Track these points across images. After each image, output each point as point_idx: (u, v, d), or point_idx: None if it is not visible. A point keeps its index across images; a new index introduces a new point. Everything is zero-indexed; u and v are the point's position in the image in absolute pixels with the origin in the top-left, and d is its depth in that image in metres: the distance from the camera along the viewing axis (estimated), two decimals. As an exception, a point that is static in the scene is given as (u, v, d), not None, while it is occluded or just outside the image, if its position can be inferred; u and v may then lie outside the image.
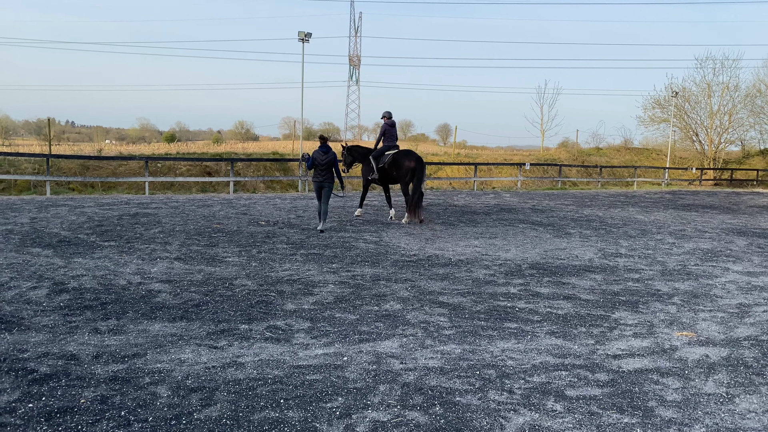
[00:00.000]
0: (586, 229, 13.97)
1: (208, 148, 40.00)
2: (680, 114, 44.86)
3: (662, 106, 45.45)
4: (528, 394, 4.49)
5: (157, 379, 4.51)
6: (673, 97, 41.32)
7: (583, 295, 7.59)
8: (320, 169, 12.12)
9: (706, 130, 45.51)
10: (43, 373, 4.56)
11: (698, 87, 45.33)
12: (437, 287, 7.71)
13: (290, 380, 4.59)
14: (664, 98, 45.14)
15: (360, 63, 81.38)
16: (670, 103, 42.77)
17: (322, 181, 12.18)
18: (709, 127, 45.18)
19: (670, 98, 42.61)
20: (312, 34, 24.02)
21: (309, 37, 24.11)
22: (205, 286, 7.34)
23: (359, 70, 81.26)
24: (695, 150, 46.25)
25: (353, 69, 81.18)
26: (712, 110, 44.82)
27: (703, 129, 45.84)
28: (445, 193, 24.69)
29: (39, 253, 8.93)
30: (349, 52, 79.45)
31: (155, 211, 14.47)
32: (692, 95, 45.53)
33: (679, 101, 43.91)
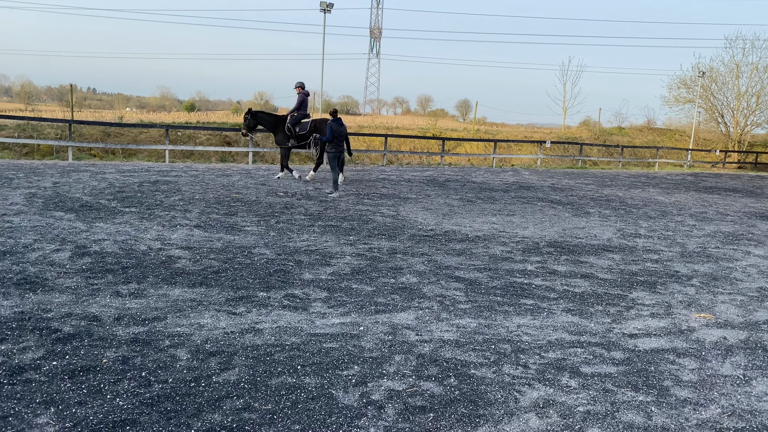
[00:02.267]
0: (606, 209, 13.85)
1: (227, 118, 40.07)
2: (706, 94, 43.96)
3: (688, 86, 44.56)
4: (543, 370, 4.51)
5: (176, 342, 4.60)
6: (700, 77, 40.45)
7: (600, 274, 7.56)
8: (339, 140, 13.14)
9: (732, 112, 44.58)
10: (66, 332, 4.66)
11: (726, 67, 44.32)
12: (454, 262, 7.72)
13: (307, 347, 4.65)
14: (691, 78, 44.24)
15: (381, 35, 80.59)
16: (696, 83, 41.91)
17: (340, 151, 13.28)
18: (736, 109, 44.25)
19: (696, 78, 41.74)
20: (334, 5, 23.77)
21: (330, 8, 23.87)
22: (224, 254, 7.41)
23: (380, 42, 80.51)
24: (720, 132, 45.40)
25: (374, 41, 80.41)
26: (739, 91, 43.84)
27: (729, 110, 44.92)
28: (463, 169, 24.57)
29: (62, 217, 9.07)
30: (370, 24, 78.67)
31: (175, 179, 14.59)
32: (720, 75, 44.54)
33: (706, 81, 42.99)
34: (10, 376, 3.90)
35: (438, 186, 16.74)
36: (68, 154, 18.67)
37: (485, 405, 3.91)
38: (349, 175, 18.49)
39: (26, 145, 22.27)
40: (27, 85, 66.61)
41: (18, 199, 10.34)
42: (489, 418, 3.75)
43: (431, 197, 14.12)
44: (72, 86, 27.72)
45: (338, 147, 13.28)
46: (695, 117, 42.33)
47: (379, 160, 26.94)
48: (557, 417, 3.81)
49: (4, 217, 8.74)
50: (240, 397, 3.81)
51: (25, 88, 64.20)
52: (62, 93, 59.22)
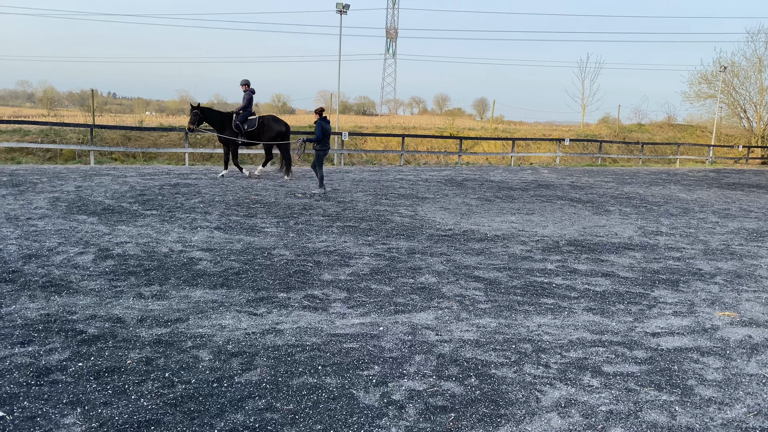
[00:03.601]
0: (626, 207, 13.71)
1: (245, 120, 40.35)
2: (728, 89, 43.27)
3: (709, 81, 43.90)
4: (564, 369, 4.48)
5: (199, 344, 4.65)
6: (721, 71, 39.84)
7: (621, 273, 7.49)
8: (327, 138, 13.77)
9: (755, 107, 43.82)
10: (91, 334, 4.74)
11: (748, 61, 43.56)
12: (473, 262, 7.70)
13: (327, 348, 4.67)
14: (712, 73, 43.57)
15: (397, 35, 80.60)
16: (717, 78, 41.28)
17: (327, 150, 13.97)
18: (759, 104, 43.48)
19: (717, 73, 41.11)
20: (350, 6, 23.81)
21: (347, 9, 23.92)
22: (244, 255, 7.47)
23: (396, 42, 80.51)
24: (742, 127, 44.65)
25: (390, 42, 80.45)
26: (762, 86, 43.07)
27: (752, 105, 44.15)
28: (481, 168, 24.48)
29: (85, 220, 9.20)
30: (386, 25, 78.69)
31: (195, 182, 14.73)
32: (741, 70, 43.78)
33: (728, 76, 42.31)
34: (37, 377, 3.98)
35: (456, 185, 16.70)
36: (90, 158, 18.93)
37: (506, 405, 3.89)
38: (366, 176, 18.53)
39: (49, 150, 22.63)
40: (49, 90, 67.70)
41: (42, 203, 10.52)
42: (510, 417, 3.74)
43: (449, 197, 14.09)
44: (93, 91, 28.08)
45: (326, 145, 13.80)
46: (717, 112, 41.71)
47: (396, 160, 26.94)
48: (579, 417, 3.79)
49: (29, 221, 8.90)
50: (262, 398, 3.84)
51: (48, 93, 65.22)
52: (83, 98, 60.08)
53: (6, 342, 4.50)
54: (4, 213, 9.45)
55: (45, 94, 66.86)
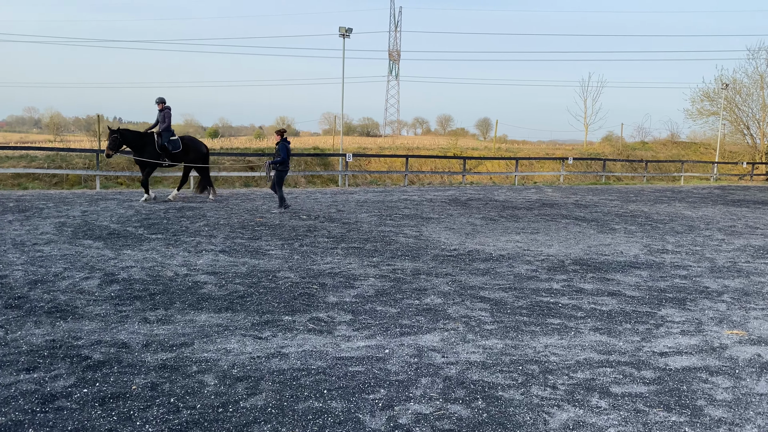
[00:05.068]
0: (631, 225, 13.68)
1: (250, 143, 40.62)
2: (730, 107, 43.38)
3: (711, 99, 44.04)
4: (572, 390, 4.44)
5: (204, 368, 4.63)
6: (723, 89, 39.97)
7: (628, 292, 7.45)
8: (289, 159, 14.07)
9: (758, 123, 43.88)
10: (96, 360, 4.73)
11: (750, 79, 43.75)
12: (478, 282, 7.68)
13: (333, 371, 4.65)
14: (714, 90, 43.73)
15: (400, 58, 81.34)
16: (719, 95, 41.40)
17: (287, 170, 14.22)
18: (762, 120, 43.55)
19: (719, 90, 41.24)
20: (353, 30, 24.10)
21: (350, 33, 24.20)
22: (249, 278, 7.47)
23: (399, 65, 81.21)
24: (746, 144, 44.67)
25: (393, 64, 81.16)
26: (765, 102, 43.18)
27: (755, 122, 44.22)
28: (485, 188, 24.50)
29: (90, 245, 9.24)
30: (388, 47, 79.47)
31: (200, 205, 14.79)
32: (743, 87, 43.97)
33: (730, 93, 42.46)
34: (42, 404, 3.96)
35: (460, 205, 16.71)
36: (96, 183, 19.06)
37: (514, 427, 3.86)
38: (370, 196, 18.56)
39: (56, 176, 22.79)
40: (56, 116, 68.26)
41: (48, 228, 10.57)
42: (518, 440, 3.70)
43: (454, 217, 14.09)
44: (99, 116, 28.35)
45: (287, 166, 14.12)
46: (720, 129, 41.77)
47: (400, 180, 27.01)
48: (588, 439, 3.74)
49: (35, 247, 8.94)
50: (267, 422, 3.82)
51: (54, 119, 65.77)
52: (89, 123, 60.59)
53: (11, 368, 4.50)
54: (10, 239, 9.50)
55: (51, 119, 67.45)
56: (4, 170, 19.40)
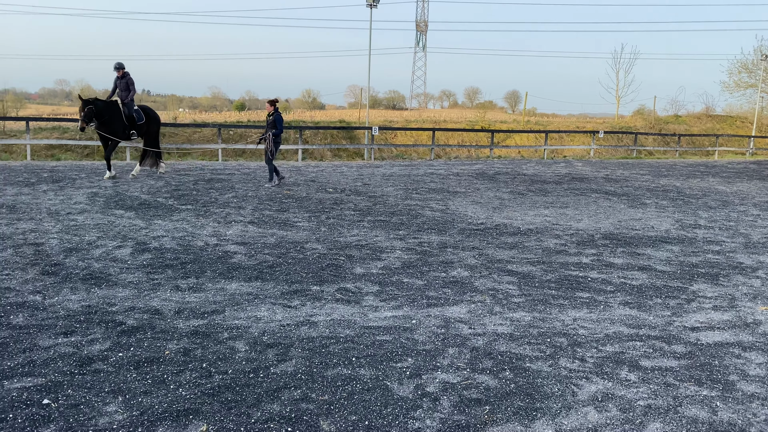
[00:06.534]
0: (663, 200, 13.43)
1: (276, 116, 40.75)
2: (770, 79, 41.97)
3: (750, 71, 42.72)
4: (601, 363, 4.42)
5: (235, 335, 4.72)
6: (763, 60, 38.64)
7: (659, 267, 7.34)
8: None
9: (799, 96, 42.46)
10: (130, 325, 4.85)
11: (791, 49, 42.18)
12: (506, 256, 7.64)
13: (361, 340, 4.69)
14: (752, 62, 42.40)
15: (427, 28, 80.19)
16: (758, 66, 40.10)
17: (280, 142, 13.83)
18: (802, 93, 42.13)
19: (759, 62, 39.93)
20: (380, 0, 23.78)
21: (377, 3, 23.90)
22: (277, 249, 7.55)
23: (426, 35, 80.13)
24: (785, 118, 43.33)
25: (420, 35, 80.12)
26: (806, 75, 41.67)
27: (794, 95, 42.80)
28: (513, 161, 24.24)
29: (122, 215, 9.41)
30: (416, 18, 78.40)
31: (228, 177, 14.92)
32: (784, 58, 42.42)
33: (769, 65, 41.03)
34: (80, 367, 4.08)
35: (488, 179, 16.58)
36: (126, 154, 19.33)
37: (542, 398, 3.86)
38: (396, 170, 18.52)
39: (87, 147, 23.19)
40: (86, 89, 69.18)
41: (81, 199, 10.79)
42: (546, 411, 3.71)
43: (481, 191, 13.99)
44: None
45: (280, 138, 13.72)
46: (758, 102, 40.52)
47: (426, 154, 26.86)
48: (617, 411, 3.73)
49: (69, 216, 9.14)
50: (297, 388, 3.88)
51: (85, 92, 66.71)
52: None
53: (50, 332, 4.64)
54: (45, 208, 9.72)
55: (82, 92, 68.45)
56: (37, 141, 19.79)
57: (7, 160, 18.37)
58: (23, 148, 19.87)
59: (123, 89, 13.62)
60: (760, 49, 41.61)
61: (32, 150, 19.13)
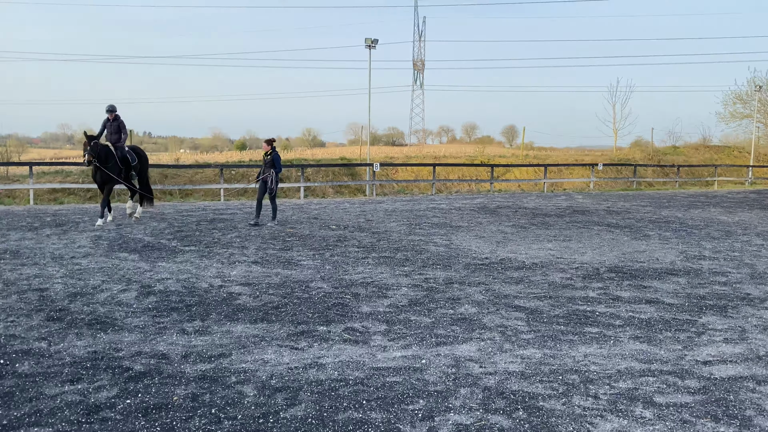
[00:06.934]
0: (666, 231, 13.42)
1: (277, 155, 41.06)
2: (764, 109, 42.46)
3: (744, 101, 43.22)
4: (614, 400, 4.36)
5: (243, 379, 4.66)
6: (757, 91, 39.15)
7: (666, 299, 7.30)
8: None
9: (794, 125, 42.85)
10: (137, 371, 4.80)
11: (784, 79, 42.73)
12: (512, 291, 7.60)
13: (371, 382, 4.64)
14: (746, 93, 42.94)
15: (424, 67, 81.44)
16: (753, 97, 40.58)
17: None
18: (797, 122, 42.52)
19: (752, 93, 40.44)
20: (378, 41, 24.22)
21: (375, 44, 24.32)
22: (282, 289, 7.52)
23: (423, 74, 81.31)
24: (782, 146, 43.63)
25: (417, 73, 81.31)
26: (800, 104, 42.16)
27: (790, 124, 43.20)
28: (514, 195, 24.32)
29: (126, 258, 9.40)
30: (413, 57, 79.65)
31: (231, 217, 14.96)
32: (778, 88, 42.94)
33: (764, 95, 41.56)
34: (88, 415, 4.02)
35: (489, 213, 16.61)
36: (128, 196, 19.40)
37: (557, 438, 3.79)
38: (398, 206, 18.57)
39: (90, 190, 23.28)
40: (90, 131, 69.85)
41: (85, 242, 10.79)
42: (562, 452, 3.63)
43: (483, 225, 14.01)
44: (132, 132, 28.99)
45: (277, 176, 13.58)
46: (754, 132, 40.86)
47: (428, 189, 26.98)
48: (634, 450, 3.66)
49: (73, 260, 9.13)
50: (308, 433, 3.82)
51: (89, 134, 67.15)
52: (121, 138, 61.68)
53: (56, 380, 4.58)
54: (49, 252, 9.72)
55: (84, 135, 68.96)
56: (40, 185, 19.90)
57: (10, 204, 18.45)
58: (26, 193, 19.97)
59: (114, 132, 13.49)
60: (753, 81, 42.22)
61: (35, 194, 19.23)
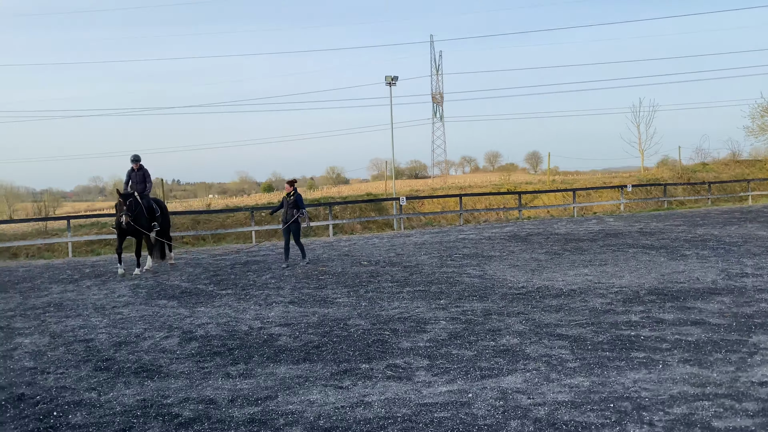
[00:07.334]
0: (703, 250, 13.16)
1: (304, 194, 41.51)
2: (794, 119, 41.66)
3: (772, 113, 42.41)
4: (671, 427, 4.25)
5: (291, 420, 4.67)
6: (784, 102, 38.49)
7: (712, 320, 7.13)
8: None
9: (826, 134, 41.93)
10: (186, 417, 4.84)
11: (812, 89, 42.00)
12: (553, 319, 7.51)
13: (419, 418, 4.60)
14: (774, 104, 42.14)
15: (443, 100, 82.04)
16: (780, 108, 39.89)
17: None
18: (829, 131, 41.61)
19: (780, 104, 39.76)
20: (398, 77, 24.59)
21: (396, 81, 24.69)
22: (321, 328, 7.54)
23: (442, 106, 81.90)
24: (815, 156, 42.67)
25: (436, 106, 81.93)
26: (830, 112, 41.32)
27: (821, 133, 42.28)
28: (543, 222, 24.12)
29: (165, 305, 9.54)
30: (431, 91, 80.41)
31: (264, 258, 15.11)
32: (805, 98, 42.23)
33: (792, 106, 40.83)
34: (142, 463, 4.06)
35: (521, 241, 16.49)
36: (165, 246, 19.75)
37: (615, 469, 3.70)
38: (427, 238, 18.56)
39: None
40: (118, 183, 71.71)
41: (124, 291, 10.99)
42: (622, 483, 3.55)
43: (515, 253, 13.90)
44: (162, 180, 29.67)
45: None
46: (785, 144, 40.02)
47: (455, 220, 26.93)
48: (697, 478, 3.56)
49: (115, 309, 9.30)
50: (361, 473, 3.79)
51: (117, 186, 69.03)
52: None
53: (109, 429, 4.65)
54: (91, 303, 9.92)
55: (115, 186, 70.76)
56: (78, 238, 20.39)
57: (50, 258, 18.91)
58: (65, 246, 20.46)
59: (139, 182, 13.57)
60: (779, 91, 41.54)
61: (73, 247, 19.70)
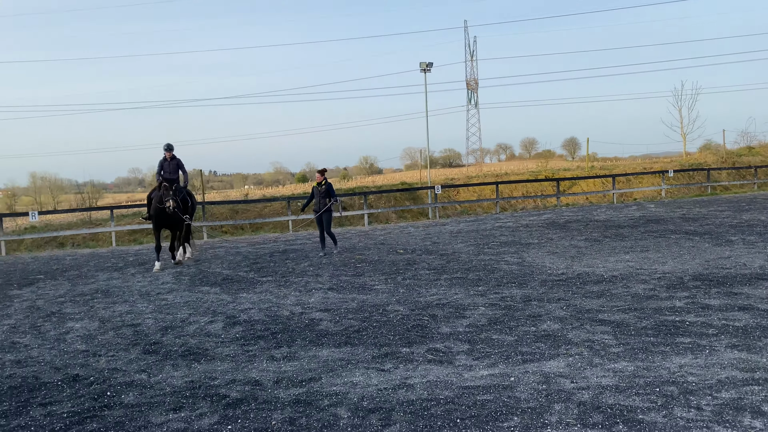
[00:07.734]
0: (750, 235, 12.80)
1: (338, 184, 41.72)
2: None
3: (822, 94, 40.77)
4: (719, 411, 4.18)
5: (335, 401, 4.75)
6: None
7: (761, 305, 6.96)
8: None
9: None
10: (234, 398, 4.97)
11: None
12: (594, 305, 7.43)
13: (461, 400, 4.63)
14: (824, 85, 40.50)
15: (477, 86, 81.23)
16: (831, 89, 38.31)
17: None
18: None
19: (831, 84, 38.18)
20: (433, 64, 24.44)
21: (430, 67, 24.56)
22: (360, 313, 7.62)
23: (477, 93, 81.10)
24: None
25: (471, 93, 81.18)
26: None
27: None
28: (582, 208, 23.77)
29: (208, 291, 9.76)
30: (466, 77, 79.69)
31: (301, 247, 15.29)
32: None
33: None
34: (193, 441, 4.20)
35: (559, 228, 16.30)
36: (203, 233, 20.17)
37: (662, 452, 3.68)
38: (463, 227, 18.49)
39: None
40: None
41: (168, 279, 11.28)
42: (670, 465, 3.52)
43: (554, 240, 13.76)
44: (201, 171, 30.21)
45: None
46: (836, 126, 38.50)
47: (491, 208, 26.74)
48: (748, 462, 3.51)
49: (160, 296, 9.55)
50: (406, 453, 3.85)
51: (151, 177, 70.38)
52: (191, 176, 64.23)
53: (161, 409, 4.81)
54: (137, 290, 10.21)
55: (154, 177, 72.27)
56: (121, 228, 20.95)
57: (95, 248, 19.49)
58: (108, 236, 21.06)
59: (172, 171, 13.05)
60: (830, 71, 39.91)
61: (116, 236, 20.26)
